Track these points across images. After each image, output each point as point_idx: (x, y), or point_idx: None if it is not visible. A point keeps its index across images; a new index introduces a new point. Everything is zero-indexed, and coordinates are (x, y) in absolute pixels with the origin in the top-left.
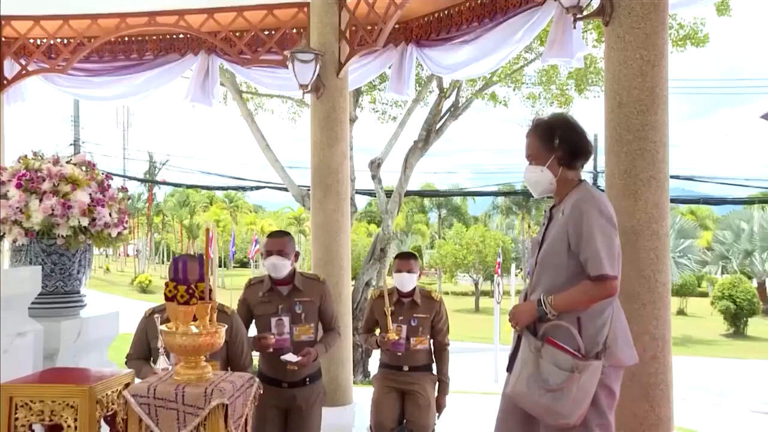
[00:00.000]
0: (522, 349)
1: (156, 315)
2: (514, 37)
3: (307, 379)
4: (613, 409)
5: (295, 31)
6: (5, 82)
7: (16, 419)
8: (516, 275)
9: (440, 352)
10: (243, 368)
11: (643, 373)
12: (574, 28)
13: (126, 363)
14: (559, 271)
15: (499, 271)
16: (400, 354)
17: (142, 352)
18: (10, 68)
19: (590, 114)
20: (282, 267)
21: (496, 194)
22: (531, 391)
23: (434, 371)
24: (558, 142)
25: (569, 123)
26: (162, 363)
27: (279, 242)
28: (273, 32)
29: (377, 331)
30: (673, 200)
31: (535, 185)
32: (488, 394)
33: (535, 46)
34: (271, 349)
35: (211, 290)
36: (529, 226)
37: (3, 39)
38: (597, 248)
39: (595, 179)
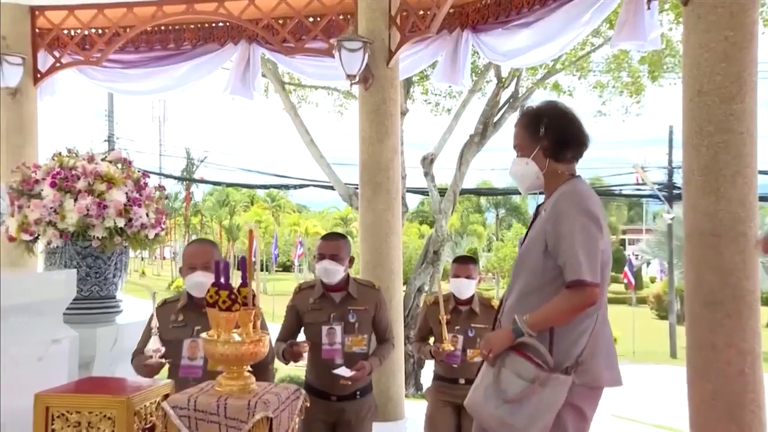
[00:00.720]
0: (496, 363)
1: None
2: (580, 20)
3: (358, 393)
4: None
5: (341, 17)
6: (39, 75)
7: (53, 430)
8: None
9: None
10: (265, 363)
11: (729, 391)
12: (648, 8)
13: (132, 360)
14: (534, 274)
15: None
16: (455, 366)
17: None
18: (44, 61)
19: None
20: (335, 272)
21: None
22: (488, 402)
23: None
24: (544, 130)
25: (558, 110)
26: (154, 343)
27: (333, 245)
28: (318, 19)
29: (431, 340)
30: (762, 198)
31: (521, 179)
32: None
33: (603, 29)
34: (303, 358)
35: (254, 296)
36: None
37: (37, 30)
38: (575, 251)
39: (670, 176)
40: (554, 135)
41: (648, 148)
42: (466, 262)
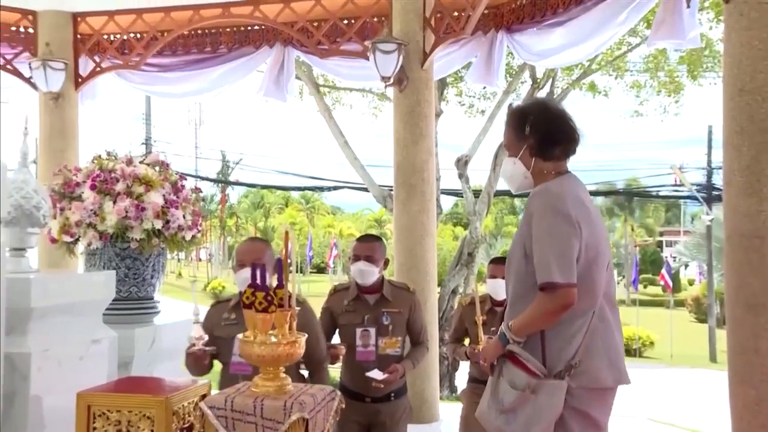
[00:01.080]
0: (494, 373)
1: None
2: (616, 20)
3: (392, 395)
4: None
5: (376, 19)
6: (80, 80)
7: (94, 429)
8: (618, 282)
9: None
10: (319, 362)
11: None
12: (688, 6)
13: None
14: (519, 279)
15: None
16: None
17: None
18: (85, 66)
19: (705, 103)
20: (369, 274)
21: (594, 194)
22: (489, 412)
23: None
24: (529, 129)
25: (543, 107)
26: (196, 331)
27: (368, 247)
28: (353, 21)
29: (466, 342)
30: None
31: (510, 179)
32: None
33: (640, 28)
34: (339, 360)
35: (290, 297)
36: (633, 229)
37: (78, 36)
38: (545, 252)
39: (709, 176)
40: (539, 133)
41: (687, 149)
42: (502, 263)
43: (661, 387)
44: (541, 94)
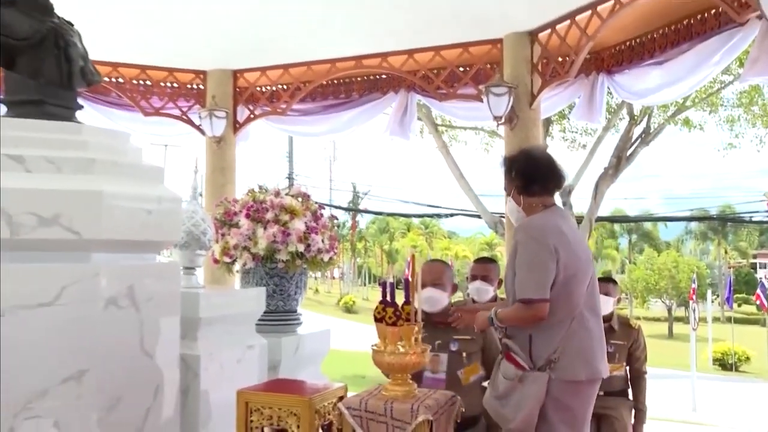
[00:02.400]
0: (494, 366)
1: None
2: (710, 60)
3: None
4: (570, 424)
5: (489, 66)
6: (237, 125)
7: (251, 421)
8: (712, 302)
9: (637, 380)
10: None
11: None
12: None
13: None
14: (511, 295)
15: (694, 297)
16: None
17: None
18: (241, 113)
19: None
20: (485, 292)
21: (689, 219)
22: (489, 398)
23: (630, 397)
24: (514, 173)
25: (525, 155)
26: None
27: (484, 268)
28: (468, 68)
29: None
30: None
31: (510, 214)
32: (687, 423)
33: (733, 67)
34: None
35: (416, 312)
36: (726, 252)
37: (237, 89)
38: (524, 274)
39: None
40: (520, 175)
41: None
42: (605, 281)
43: (759, 401)
44: (638, 129)
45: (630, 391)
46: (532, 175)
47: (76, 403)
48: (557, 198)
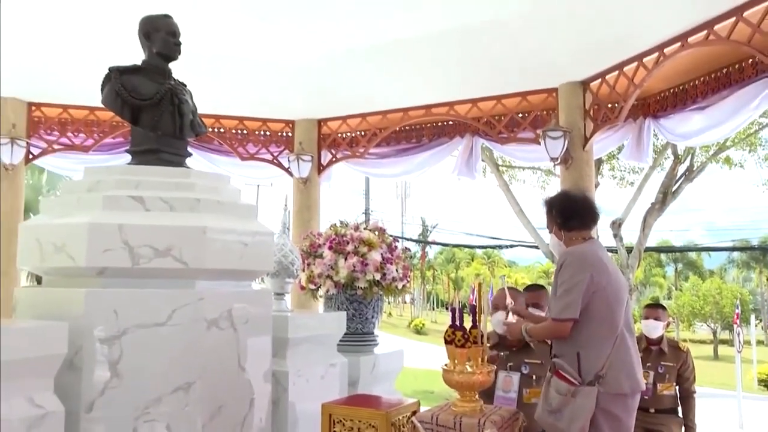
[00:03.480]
0: (544, 382)
1: None
2: (749, 106)
3: None
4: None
5: (545, 112)
6: (321, 168)
7: (334, 431)
8: (756, 325)
9: (687, 399)
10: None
11: None
12: None
13: None
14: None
15: (738, 321)
16: (647, 397)
17: None
18: (324, 157)
19: None
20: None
21: (731, 249)
22: (543, 413)
23: (680, 414)
24: (554, 212)
25: (563, 196)
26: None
27: (535, 295)
28: (526, 115)
29: None
30: None
31: (554, 249)
32: None
33: None
34: None
35: (483, 336)
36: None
37: (321, 135)
38: (558, 297)
39: None
40: (560, 214)
41: None
42: (655, 307)
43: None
44: (682, 167)
45: (680, 409)
46: (571, 213)
47: (185, 410)
48: (598, 231)
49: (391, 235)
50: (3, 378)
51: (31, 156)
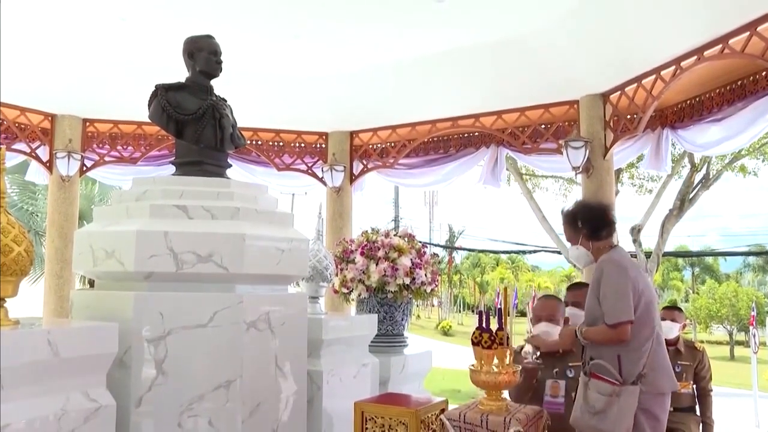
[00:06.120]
0: (579, 387)
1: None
2: (764, 116)
3: None
4: (657, 431)
5: (567, 123)
6: (353, 177)
7: (366, 429)
8: None
9: (704, 397)
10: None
11: None
12: None
13: None
14: (592, 314)
15: (754, 323)
16: None
17: None
18: (356, 167)
19: None
20: (577, 317)
21: (747, 254)
22: (583, 416)
23: (698, 413)
24: (581, 223)
25: (586, 206)
26: (528, 347)
27: (573, 294)
28: (549, 126)
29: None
30: None
31: (577, 259)
32: None
33: None
34: None
35: (508, 337)
36: None
37: (353, 147)
38: (612, 302)
39: None
40: (588, 224)
41: None
42: (672, 309)
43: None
44: (699, 175)
45: (697, 407)
46: (599, 223)
47: (225, 406)
48: (620, 237)
49: (419, 241)
50: (63, 374)
51: (84, 168)
